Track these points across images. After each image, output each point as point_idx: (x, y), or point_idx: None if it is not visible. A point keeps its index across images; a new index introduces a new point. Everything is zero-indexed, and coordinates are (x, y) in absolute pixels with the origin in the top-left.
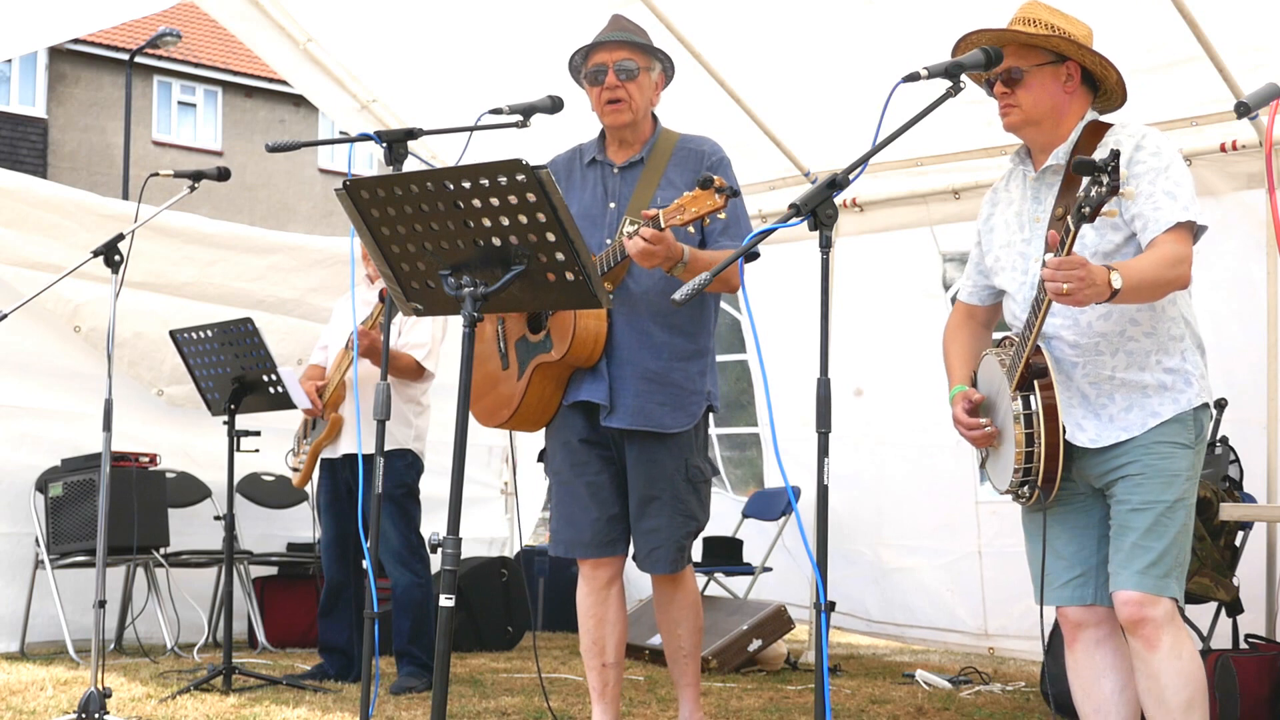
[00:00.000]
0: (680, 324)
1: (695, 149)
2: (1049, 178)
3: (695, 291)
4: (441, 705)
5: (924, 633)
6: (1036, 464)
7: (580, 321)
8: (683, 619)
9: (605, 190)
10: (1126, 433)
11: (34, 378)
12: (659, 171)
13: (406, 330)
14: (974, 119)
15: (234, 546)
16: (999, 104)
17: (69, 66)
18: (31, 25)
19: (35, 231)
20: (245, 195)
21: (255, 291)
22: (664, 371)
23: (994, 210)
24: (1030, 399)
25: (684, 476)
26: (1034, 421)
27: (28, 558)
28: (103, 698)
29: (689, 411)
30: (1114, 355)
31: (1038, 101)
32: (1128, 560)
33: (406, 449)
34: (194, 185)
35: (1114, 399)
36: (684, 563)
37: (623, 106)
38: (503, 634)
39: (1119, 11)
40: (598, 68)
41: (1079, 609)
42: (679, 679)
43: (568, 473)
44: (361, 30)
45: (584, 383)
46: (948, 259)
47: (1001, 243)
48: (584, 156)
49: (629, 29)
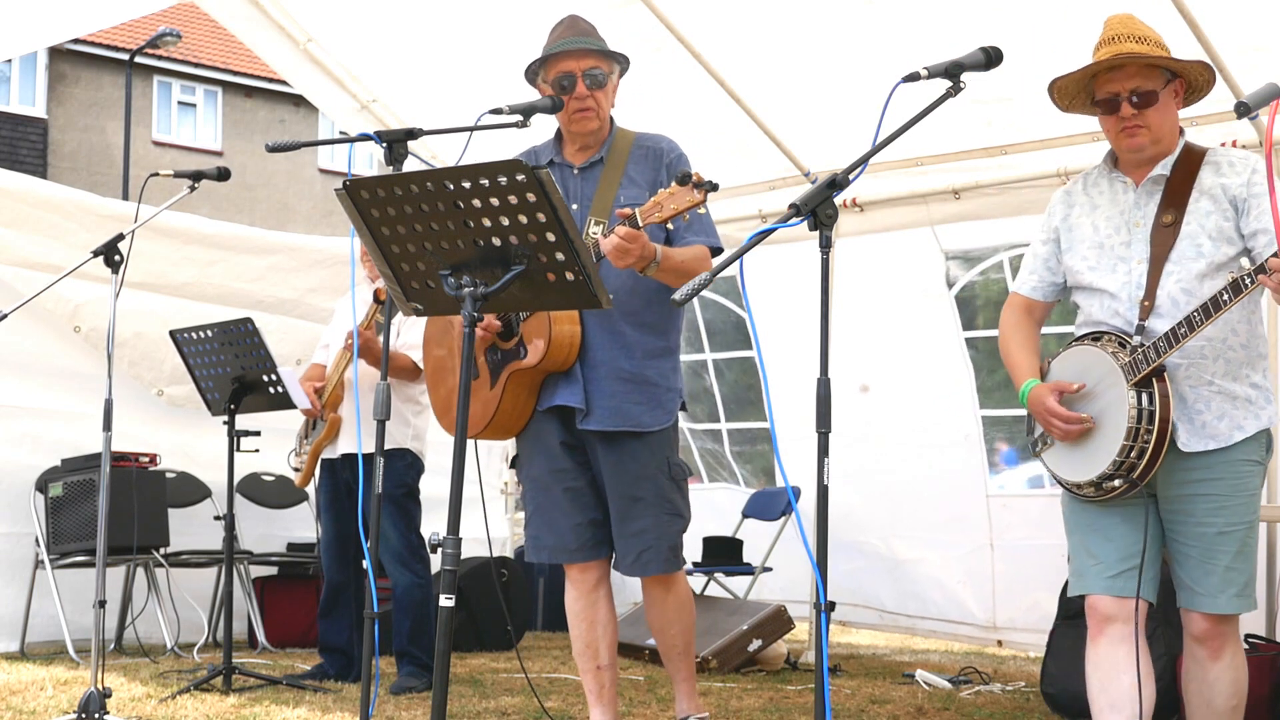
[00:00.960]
0: (651, 322)
1: (654, 146)
2: (1150, 187)
3: (695, 291)
4: (441, 705)
5: (934, 624)
6: (1142, 460)
7: (555, 326)
8: (675, 619)
9: (566, 192)
10: (1215, 442)
11: (34, 378)
12: (619, 170)
13: (405, 330)
14: (974, 119)
15: (234, 546)
16: (1118, 125)
17: (69, 66)
18: (31, 25)
19: (35, 232)
20: (245, 195)
21: (254, 292)
22: (638, 371)
23: (1071, 211)
24: (1148, 396)
25: (667, 474)
26: (1151, 419)
27: (28, 558)
28: (103, 698)
29: (666, 409)
30: (1215, 361)
31: (1164, 120)
32: (1222, 585)
33: (405, 449)
34: (194, 185)
35: (1210, 406)
36: (678, 563)
37: (591, 114)
38: (503, 634)
39: (1119, 12)
40: (565, 76)
41: (1113, 601)
42: (674, 674)
43: (546, 478)
44: (361, 30)
45: (559, 387)
46: (950, 257)
47: (1091, 243)
48: (539, 159)
49: (589, 32)
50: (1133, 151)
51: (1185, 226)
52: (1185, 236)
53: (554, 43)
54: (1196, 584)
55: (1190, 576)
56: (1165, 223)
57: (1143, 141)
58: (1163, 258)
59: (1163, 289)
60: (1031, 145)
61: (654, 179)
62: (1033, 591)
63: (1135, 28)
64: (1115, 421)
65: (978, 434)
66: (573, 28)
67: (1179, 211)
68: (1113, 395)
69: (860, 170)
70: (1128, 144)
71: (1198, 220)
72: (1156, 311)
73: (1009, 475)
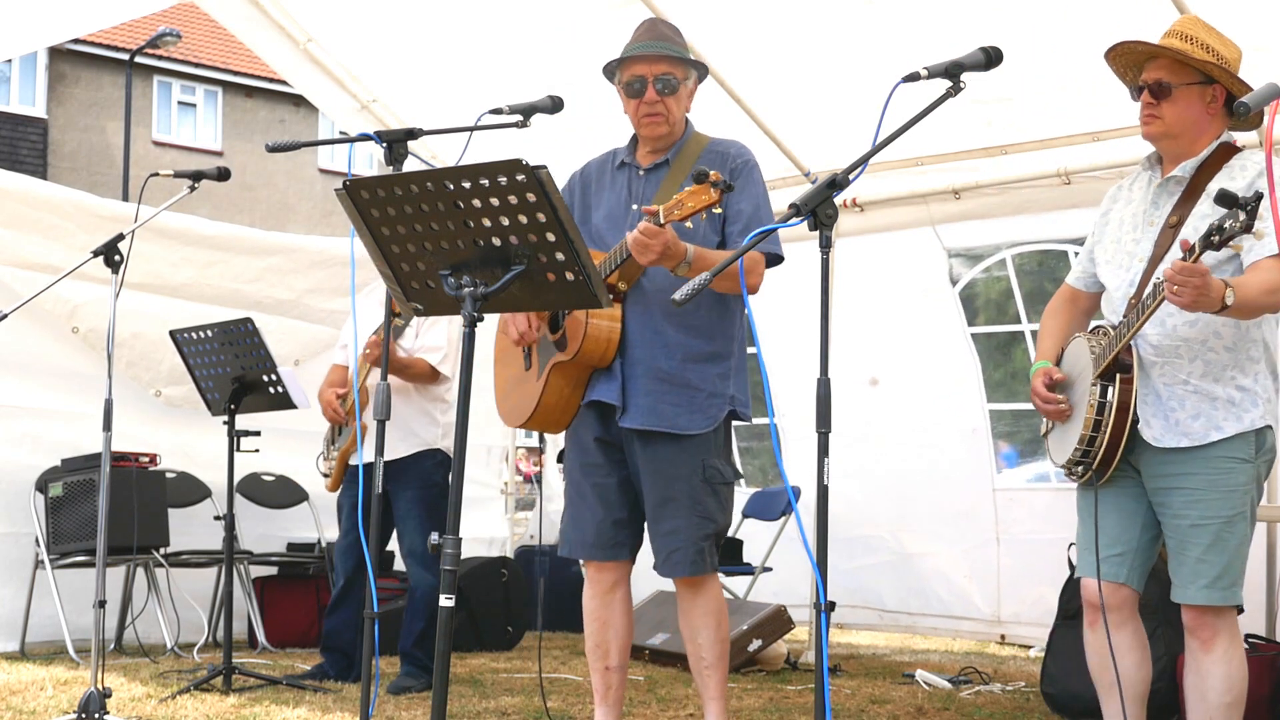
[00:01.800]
0: (697, 325)
1: (722, 152)
2: (1171, 187)
3: (695, 291)
4: (441, 705)
5: (936, 621)
6: (1097, 449)
7: (592, 321)
8: (702, 627)
9: (630, 192)
10: (1189, 439)
11: (34, 378)
12: (684, 174)
13: (423, 333)
14: (974, 119)
15: (234, 546)
16: (1141, 111)
17: (69, 66)
18: (31, 25)
19: (34, 232)
20: (245, 195)
21: (253, 293)
22: (677, 372)
23: (1113, 206)
24: (1109, 389)
25: (701, 477)
26: (1106, 411)
27: (28, 558)
28: (103, 698)
29: (707, 414)
30: (1191, 362)
31: (1180, 117)
32: (1193, 576)
33: (435, 448)
34: (194, 185)
35: (1184, 404)
36: (705, 566)
37: (660, 120)
38: (503, 634)
39: (1119, 11)
40: (637, 80)
41: (1108, 585)
42: (702, 691)
43: (578, 473)
44: (361, 30)
45: (599, 383)
46: (953, 255)
47: (1112, 238)
48: (616, 159)
49: (666, 36)
50: (1147, 140)
51: (1185, 228)
52: (1182, 237)
53: (632, 45)
54: (1174, 574)
55: (1171, 567)
56: (1170, 224)
57: (1154, 131)
58: (1160, 258)
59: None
60: (1031, 145)
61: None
62: (1037, 585)
63: (1190, 28)
64: (1080, 412)
65: (985, 428)
66: (650, 31)
67: (1184, 213)
68: (1082, 386)
69: (860, 170)
70: (1144, 130)
71: (1195, 222)
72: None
73: (1013, 471)
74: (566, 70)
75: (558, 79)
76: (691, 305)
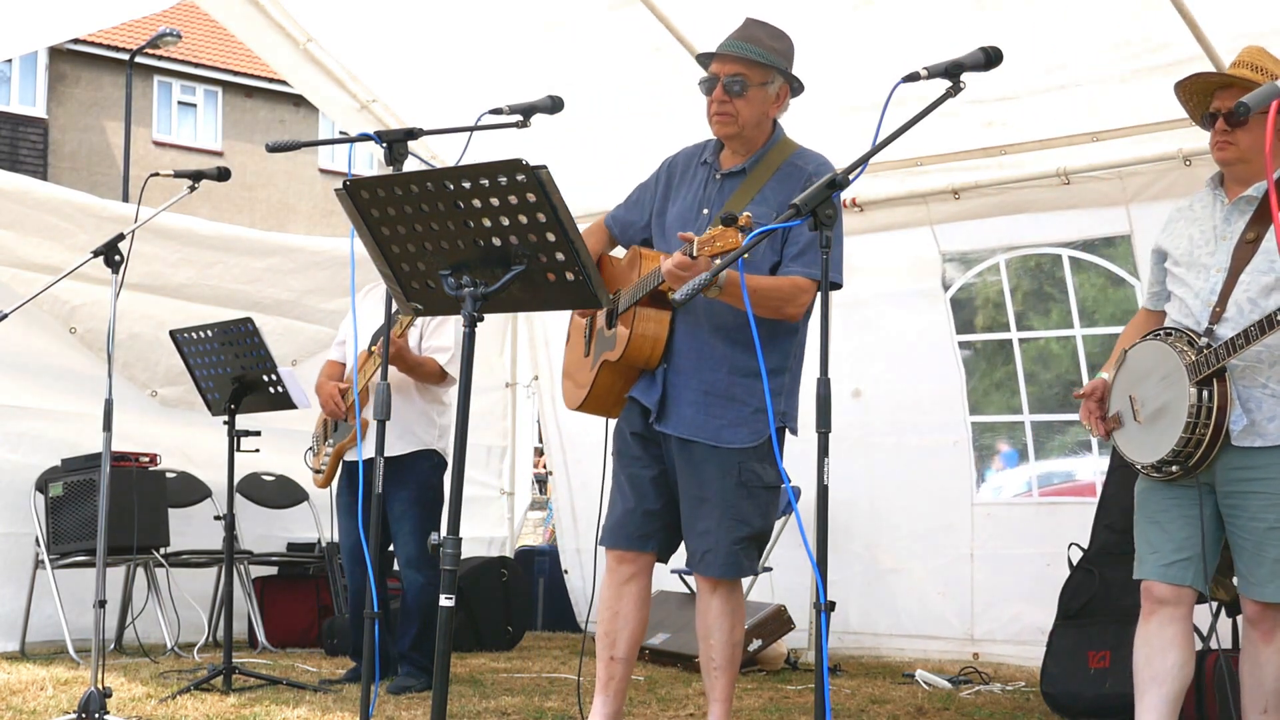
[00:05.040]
0: (746, 340)
1: (801, 166)
2: (1243, 205)
3: (695, 291)
4: (441, 705)
5: (903, 642)
6: (1196, 450)
7: (638, 326)
8: (715, 628)
9: (705, 193)
10: (1263, 440)
11: (34, 378)
12: (758, 184)
13: (430, 333)
14: (974, 119)
15: (234, 546)
16: (1213, 138)
17: (69, 66)
18: (31, 25)
19: (34, 233)
20: (245, 195)
21: (252, 293)
22: (725, 387)
23: (1176, 224)
24: (1208, 393)
25: (736, 479)
26: (1207, 414)
27: (28, 558)
28: (103, 698)
29: (751, 428)
30: (1271, 367)
31: (1255, 143)
32: (1271, 575)
33: (432, 449)
34: (194, 185)
35: (1261, 406)
36: (736, 570)
37: (728, 120)
38: (503, 634)
39: (1119, 11)
40: (710, 77)
41: (1170, 587)
42: (709, 691)
43: (617, 462)
44: (361, 30)
45: (642, 381)
46: (948, 259)
47: (1184, 252)
48: (701, 154)
49: (754, 38)
50: (1221, 165)
51: (1264, 243)
52: (1261, 252)
53: (721, 41)
54: (1249, 573)
55: (1244, 566)
56: (1248, 239)
57: (1229, 157)
58: (1239, 270)
59: (1233, 298)
60: (1031, 145)
61: (787, 200)
62: (1013, 603)
63: (1257, 58)
64: (1176, 413)
65: (966, 441)
66: (740, 30)
67: (1262, 229)
68: (1177, 389)
69: (860, 170)
70: (1216, 156)
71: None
72: (1224, 317)
73: (998, 479)
74: (566, 70)
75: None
76: (734, 317)
